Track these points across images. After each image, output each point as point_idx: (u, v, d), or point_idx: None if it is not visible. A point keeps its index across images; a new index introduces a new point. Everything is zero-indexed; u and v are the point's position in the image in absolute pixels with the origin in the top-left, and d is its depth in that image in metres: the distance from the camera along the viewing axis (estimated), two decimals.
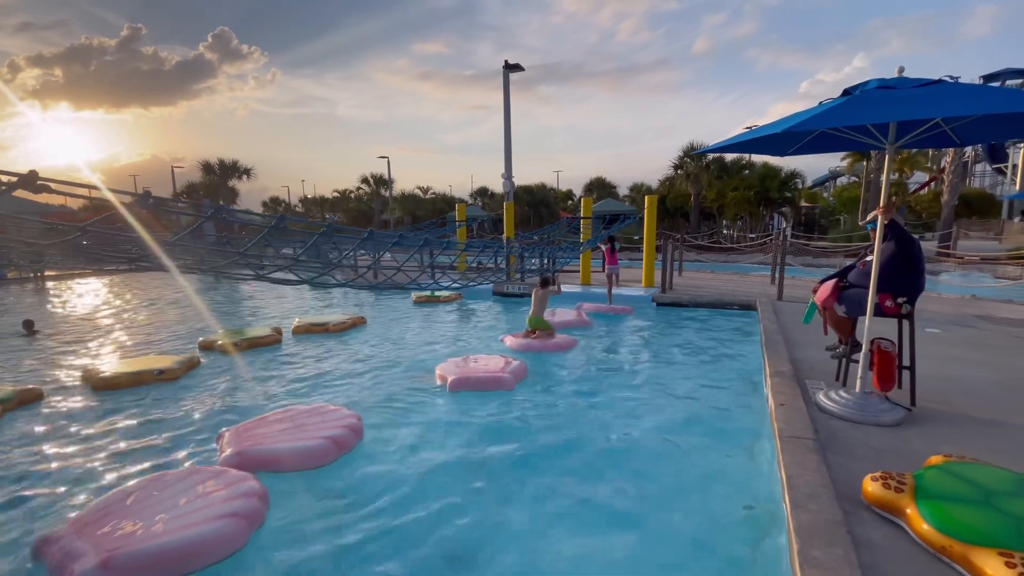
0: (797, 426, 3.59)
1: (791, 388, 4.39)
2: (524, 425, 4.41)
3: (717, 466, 3.67)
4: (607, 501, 3.25)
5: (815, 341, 5.94)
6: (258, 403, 5.08)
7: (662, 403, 4.98)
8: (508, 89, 14.68)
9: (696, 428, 4.37)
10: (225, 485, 3.15)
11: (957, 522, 2.32)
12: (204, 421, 4.62)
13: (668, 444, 4.08)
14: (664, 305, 10.05)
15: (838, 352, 4.57)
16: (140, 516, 2.87)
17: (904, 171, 27.69)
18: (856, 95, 3.20)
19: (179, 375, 5.85)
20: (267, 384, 5.69)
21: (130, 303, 12.21)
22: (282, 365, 6.45)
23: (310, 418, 4.21)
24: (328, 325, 8.27)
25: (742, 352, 6.74)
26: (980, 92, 3.00)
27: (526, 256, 12.03)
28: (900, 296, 3.88)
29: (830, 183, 42.11)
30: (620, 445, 4.06)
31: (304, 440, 3.78)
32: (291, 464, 3.61)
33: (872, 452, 3.26)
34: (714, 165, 28.53)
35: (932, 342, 6.15)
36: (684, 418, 4.60)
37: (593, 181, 40.40)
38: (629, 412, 4.74)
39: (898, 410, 3.77)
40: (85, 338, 8.23)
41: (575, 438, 4.18)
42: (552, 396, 5.19)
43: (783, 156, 4.73)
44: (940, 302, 9.49)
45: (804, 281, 12.06)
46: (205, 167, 35.10)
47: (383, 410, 4.83)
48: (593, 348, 7.15)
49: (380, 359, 6.68)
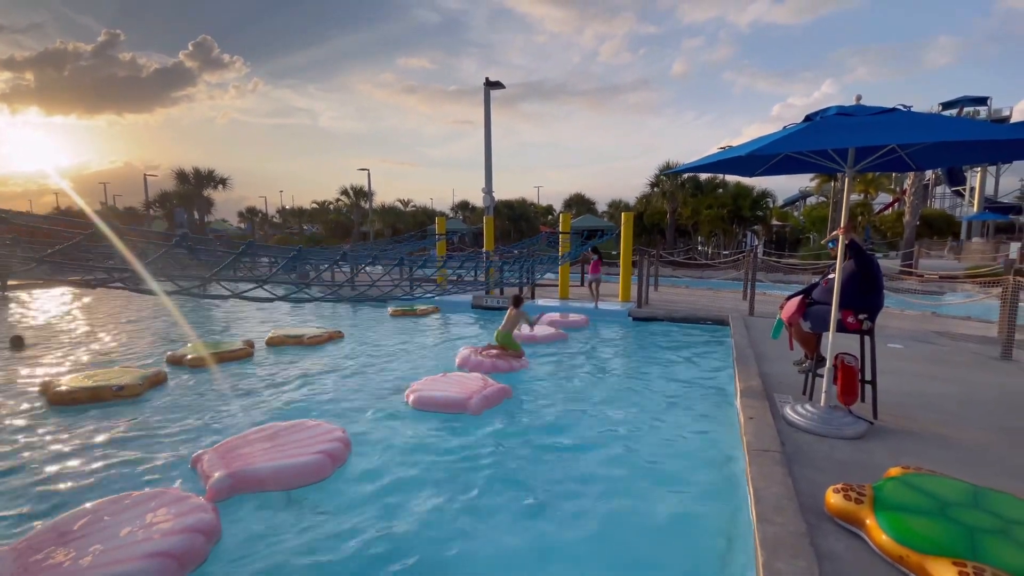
0: (765, 439, 3.66)
1: (760, 402, 4.48)
2: (491, 448, 4.34)
3: (687, 479, 3.71)
4: (572, 515, 3.26)
5: (784, 355, 6.09)
6: (229, 421, 4.94)
7: (634, 416, 5.02)
8: (489, 105, 14.85)
9: (666, 441, 4.42)
10: (176, 515, 2.96)
11: (913, 532, 2.39)
12: (167, 441, 4.45)
13: (638, 456, 4.11)
14: (640, 320, 10.18)
15: (804, 367, 4.69)
16: (77, 546, 2.70)
17: (869, 192, 28.75)
18: (817, 121, 3.34)
19: (141, 391, 5.64)
20: (238, 400, 5.55)
21: (98, 314, 11.83)
22: (254, 380, 6.31)
23: (294, 434, 4.13)
24: (303, 338, 8.15)
25: (714, 366, 6.86)
26: (930, 121, 3.16)
27: (505, 269, 12.06)
28: (861, 313, 4.02)
29: (800, 202, 43.40)
30: (590, 460, 4.07)
31: (300, 456, 3.72)
32: (289, 482, 3.53)
33: (835, 464, 3.35)
34: (689, 183, 29.21)
35: (894, 357, 6.35)
36: (654, 430, 4.64)
37: (573, 197, 40.87)
38: (600, 425, 4.77)
39: (861, 423, 3.88)
40: (48, 350, 7.94)
41: (547, 455, 4.19)
42: (525, 415, 5.18)
43: (752, 176, 4.89)
44: (901, 318, 9.82)
45: (774, 297, 12.36)
46: (179, 176, 34.43)
47: (353, 426, 4.77)
48: (567, 362, 7.19)
49: (355, 374, 6.59)
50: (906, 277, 18.11)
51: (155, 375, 6.04)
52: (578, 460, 4.07)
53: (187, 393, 5.77)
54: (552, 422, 4.88)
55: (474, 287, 10.58)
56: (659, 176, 29.87)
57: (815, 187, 30.26)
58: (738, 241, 29.60)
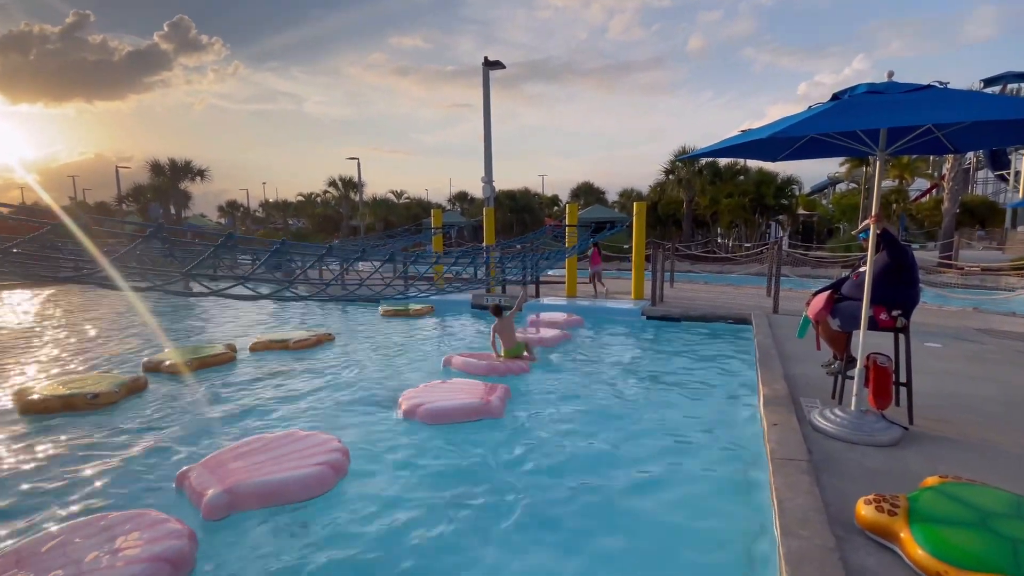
0: (790, 447, 3.66)
1: (785, 407, 4.49)
2: (491, 460, 4.35)
3: (706, 490, 3.72)
4: (589, 528, 3.27)
5: (811, 356, 6.07)
6: (212, 432, 4.97)
7: (646, 422, 5.03)
8: (488, 87, 14.86)
9: (682, 448, 4.43)
10: (146, 541, 2.95)
11: (952, 546, 2.39)
12: (146, 455, 4.48)
13: (651, 465, 4.12)
14: (654, 318, 10.18)
15: (833, 368, 4.69)
16: (41, 573, 2.70)
17: (904, 178, 28.67)
18: (845, 100, 3.33)
19: (117, 399, 5.68)
20: (221, 409, 5.58)
21: (73, 316, 11.91)
22: (237, 387, 6.35)
23: (289, 445, 4.16)
24: (288, 342, 8.17)
25: (735, 368, 6.86)
26: (969, 98, 3.15)
27: (507, 265, 12.07)
28: (894, 309, 4.01)
29: (829, 189, 43.29)
30: (603, 471, 4.09)
31: (300, 468, 3.75)
32: (290, 496, 3.57)
33: (867, 473, 3.35)
34: (707, 170, 29.13)
35: (931, 357, 6.34)
36: (669, 438, 4.66)
37: (580, 186, 40.91)
38: (609, 433, 4.78)
39: (895, 429, 3.88)
40: (22, 355, 7.99)
41: (555, 466, 4.20)
42: (529, 424, 5.18)
43: (775, 161, 4.88)
44: (939, 315, 9.79)
45: (801, 293, 12.34)
46: (154, 167, 34.53)
47: (345, 434, 4.79)
48: (578, 364, 7.20)
49: (346, 380, 6.62)
50: (945, 270, 18.05)
51: (133, 382, 6.09)
52: (586, 471, 4.07)
53: (166, 402, 5.81)
54: (557, 431, 4.90)
55: (473, 285, 10.60)
56: (674, 162, 29.80)
57: (845, 172, 30.12)
58: (761, 232, 29.55)
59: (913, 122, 2.93)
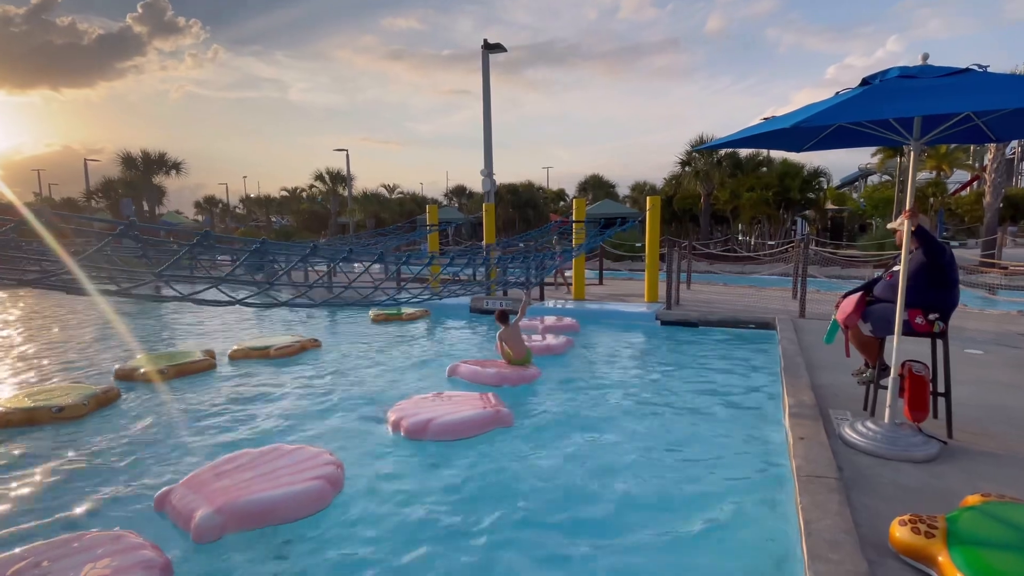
0: (818, 463, 3.67)
1: (812, 419, 4.49)
2: (492, 478, 4.36)
3: (727, 510, 3.72)
4: (599, 551, 3.28)
5: (841, 364, 6.07)
6: (190, 447, 4.98)
7: (660, 436, 5.04)
8: (488, 73, 14.90)
9: (700, 465, 4.43)
10: (115, 571, 2.93)
11: (995, 571, 2.39)
12: (116, 473, 4.48)
13: (666, 483, 4.13)
14: (669, 323, 10.18)
15: (865, 377, 4.69)
16: None
17: (942, 169, 28.63)
18: (875, 85, 3.34)
19: (85, 412, 5.69)
20: (199, 422, 5.60)
21: (41, 321, 11.96)
22: (217, 398, 6.37)
23: (277, 460, 4.19)
24: (269, 350, 8.16)
25: (758, 378, 6.85)
26: (1012, 83, 3.15)
27: (509, 265, 12.09)
28: (931, 312, 4.02)
29: (860, 182, 43.24)
30: (610, 487, 4.10)
31: (296, 484, 3.79)
32: (288, 514, 3.61)
33: (902, 492, 3.35)
34: (727, 161, 29.14)
35: (972, 364, 6.33)
36: (685, 453, 4.67)
37: (588, 179, 40.94)
38: (621, 448, 4.79)
39: (932, 443, 3.88)
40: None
41: (562, 486, 4.22)
42: (530, 437, 5.19)
43: (800, 152, 4.89)
44: (981, 318, 9.77)
45: (830, 296, 12.32)
46: (125, 160, 34.71)
47: (331, 446, 4.81)
48: (586, 372, 7.21)
49: (333, 390, 6.64)
50: (987, 269, 18.00)
51: (104, 393, 6.10)
52: (597, 488, 4.09)
53: (140, 414, 5.82)
54: (564, 445, 4.91)
55: (472, 287, 10.61)
56: (691, 153, 29.83)
57: (877, 164, 30.14)
58: (786, 229, 29.53)
59: (950, 109, 2.95)
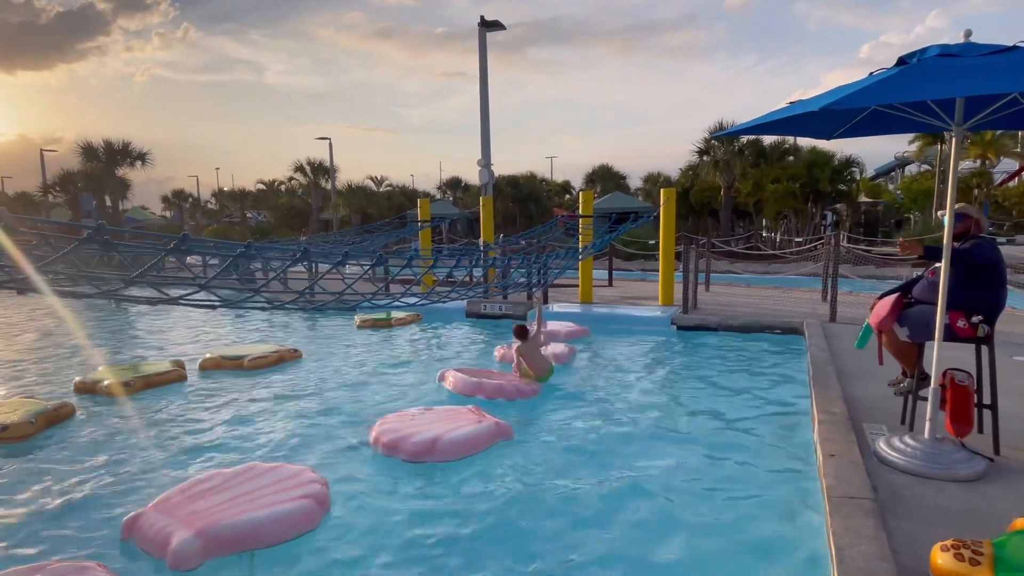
0: (851, 483, 3.66)
1: (844, 434, 4.48)
2: (481, 502, 4.35)
3: (749, 535, 3.72)
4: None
5: (876, 373, 6.06)
6: (153, 466, 4.97)
7: (678, 454, 5.03)
8: (485, 53, 14.94)
9: (720, 485, 4.43)
10: None
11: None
12: (76, 496, 4.44)
13: (683, 506, 4.13)
14: (686, 329, 10.18)
15: (902, 387, 4.69)
16: None
17: (988, 157, 28.69)
18: (912, 65, 3.34)
19: (32, 432, 5.64)
20: (165, 439, 5.60)
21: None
22: (186, 413, 6.38)
23: (254, 480, 4.20)
24: (243, 360, 8.16)
25: (784, 389, 6.85)
26: None
27: (510, 266, 12.08)
28: (975, 314, 4.01)
29: (896, 172, 43.34)
30: (622, 511, 4.10)
31: (281, 504, 3.82)
32: (275, 536, 3.64)
33: (944, 515, 3.34)
34: (749, 150, 29.19)
35: (1020, 373, 6.33)
36: (705, 472, 4.67)
37: (597, 170, 41.03)
38: (633, 468, 4.79)
39: (977, 460, 3.87)
40: None
41: (563, 507, 4.22)
42: (533, 458, 5.18)
43: (830, 139, 4.89)
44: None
45: (864, 298, 12.32)
46: (86, 151, 34.75)
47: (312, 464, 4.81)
48: (594, 382, 7.22)
49: (314, 403, 6.64)
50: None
51: (56, 410, 6.05)
52: (607, 512, 4.08)
53: (98, 432, 5.80)
54: (570, 464, 4.92)
55: (468, 290, 10.61)
56: (709, 140, 29.88)
57: (915, 152, 30.20)
58: (815, 224, 29.56)
59: (996, 90, 2.95)
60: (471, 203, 37.52)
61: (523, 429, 5.67)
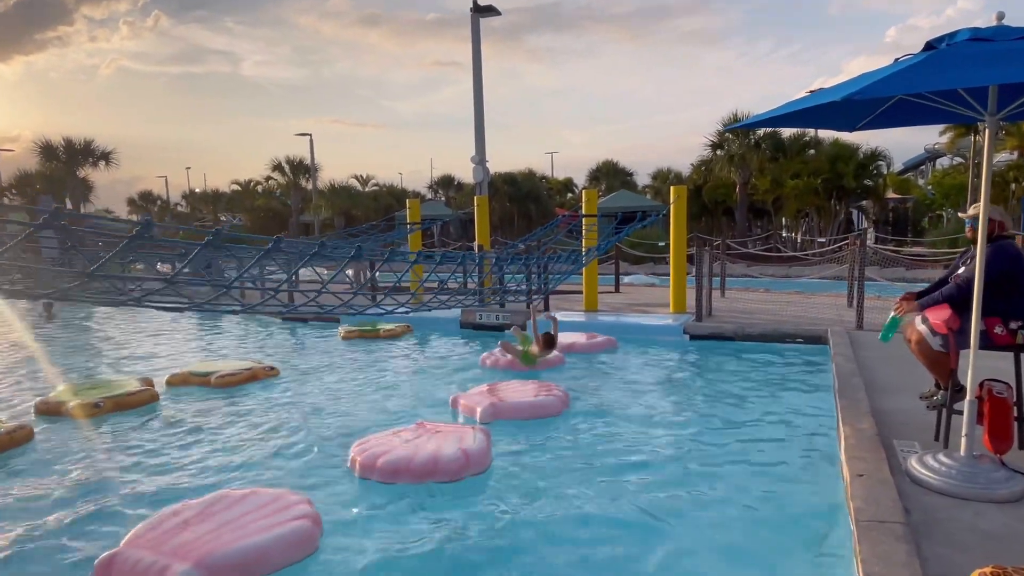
0: (881, 505, 3.65)
1: (873, 452, 4.47)
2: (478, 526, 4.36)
3: (773, 563, 3.72)
4: None
5: (907, 385, 6.07)
6: (124, 497, 4.92)
7: (695, 473, 5.04)
8: (479, 41, 15.00)
9: (740, 507, 4.43)
10: None
11: None
12: (35, 531, 4.38)
13: (700, 531, 4.13)
14: (700, 338, 10.19)
15: (935, 401, 4.69)
16: None
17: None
18: (941, 50, 3.36)
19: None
20: (133, 465, 5.58)
21: None
22: (153, 434, 6.37)
23: (234, 507, 4.19)
24: (210, 377, 8.15)
25: (807, 402, 6.86)
26: None
27: (507, 270, 12.08)
28: (1013, 320, 4.02)
29: (926, 166, 43.45)
30: (634, 540, 4.10)
31: (281, 526, 3.87)
32: (279, 560, 3.70)
33: (983, 539, 3.33)
34: (767, 143, 29.30)
35: None
36: (723, 493, 4.66)
37: (601, 166, 41.14)
38: (646, 485, 4.80)
39: (1018, 479, 3.86)
40: None
41: (567, 530, 4.22)
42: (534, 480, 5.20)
43: (854, 131, 4.91)
44: None
45: (893, 303, 12.34)
46: (45, 150, 34.82)
47: None
48: (602, 395, 7.21)
49: (293, 425, 6.62)
50: None
51: (10, 433, 5.99)
52: (614, 538, 4.09)
53: (57, 457, 5.77)
54: (578, 485, 4.91)
55: (461, 298, 10.59)
56: (723, 133, 29.98)
57: (946, 144, 30.21)
58: (839, 223, 29.64)
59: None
60: (465, 203, 37.60)
61: (525, 447, 5.67)
